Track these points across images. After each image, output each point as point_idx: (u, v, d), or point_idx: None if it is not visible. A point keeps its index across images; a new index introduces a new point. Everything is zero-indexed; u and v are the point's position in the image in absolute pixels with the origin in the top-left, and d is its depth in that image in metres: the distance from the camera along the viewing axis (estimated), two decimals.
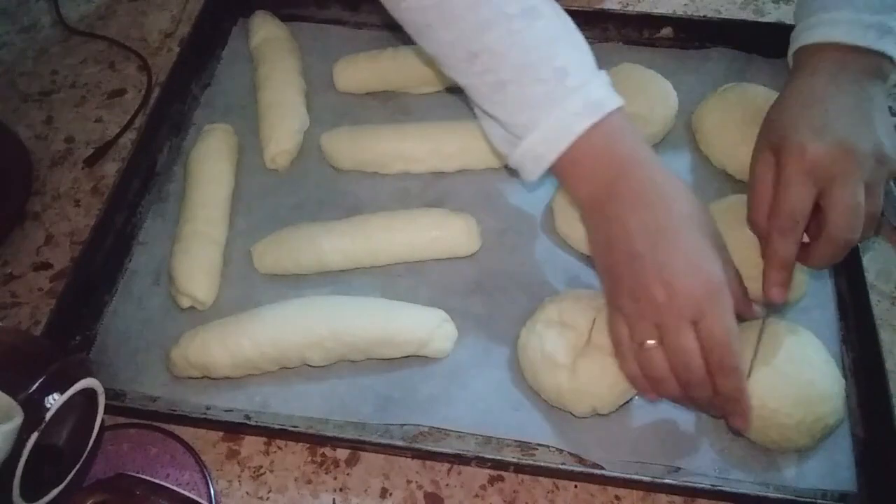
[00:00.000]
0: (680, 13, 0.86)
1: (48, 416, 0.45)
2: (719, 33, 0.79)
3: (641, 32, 0.80)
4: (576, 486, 0.57)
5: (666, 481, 0.54)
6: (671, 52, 0.79)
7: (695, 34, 0.80)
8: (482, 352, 0.62)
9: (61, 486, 0.50)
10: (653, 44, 0.80)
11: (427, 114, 0.76)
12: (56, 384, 0.47)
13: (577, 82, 0.52)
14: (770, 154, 0.56)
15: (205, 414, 0.59)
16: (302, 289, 0.65)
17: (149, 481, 0.54)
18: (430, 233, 0.66)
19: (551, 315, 0.59)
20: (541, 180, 0.57)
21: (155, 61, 0.85)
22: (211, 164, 0.71)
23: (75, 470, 0.51)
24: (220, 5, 0.84)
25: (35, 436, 0.45)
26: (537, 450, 0.57)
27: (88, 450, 0.52)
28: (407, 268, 0.67)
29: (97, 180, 0.76)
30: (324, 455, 0.59)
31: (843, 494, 0.55)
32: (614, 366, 0.55)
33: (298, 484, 0.57)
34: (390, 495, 0.57)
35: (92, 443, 0.52)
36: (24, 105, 0.82)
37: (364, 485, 0.57)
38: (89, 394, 0.51)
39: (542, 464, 0.56)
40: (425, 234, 0.66)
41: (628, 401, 0.58)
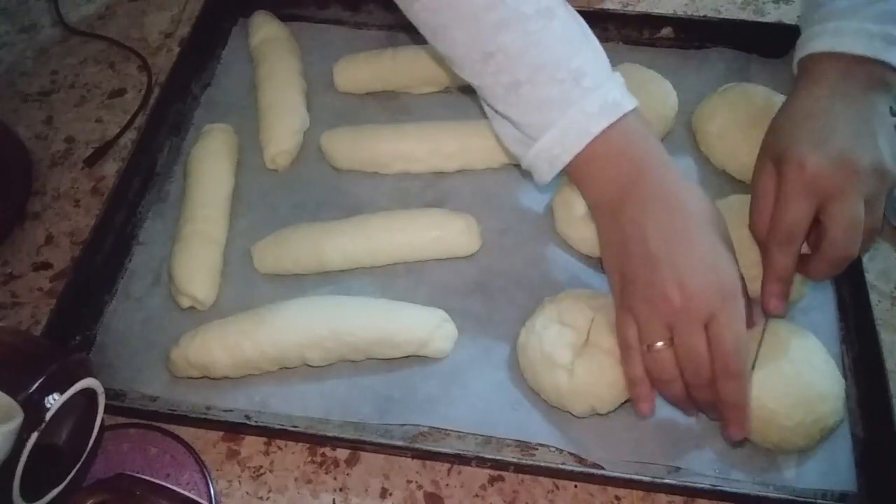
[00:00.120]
0: (680, 13, 0.86)
1: (48, 416, 0.46)
2: (719, 33, 0.79)
3: (641, 32, 0.80)
4: (576, 486, 0.57)
5: (666, 481, 0.54)
6: (671, 52, 0.79)
7: (695, 34, 0.80)
8: (482, 352, 0.62)
9: (61, 486, 0.50)
10: (653, 44, 0.80)
11: (427, 114, 0.76)
12: (56, 384, 0.47)
13: (594, 83, 0.52)
14: (772, 164, 0.55)
15: (205, 414, 0.59)
16: (302, 289, 0.65)
17: (149, 481, 0.54)
18: (430, 233, 0.66)
19: (551, 315, 0.59)
20: (552, 181, 0.57)
21: (155, 61, 0.85)
22: (211, 164, 0.71)
23: (75, 470, 0.51)
24: (220, 5, 0.84)
25: (35, 436, 0.45)
26: (537, 450, 0.57)
27: (88, 450, 0.52)
28: (407, 268, 0.67)
29: (97, 180, 0.76)
30: (324, 455, 0.59)
31: (843, 494, 0.55)
32: (614, 366, 0.56)
33: (298, 484, 0.57)
34: (390, 495, 0.57)
35: (92, 443, 0.52)
36: (24, 105, 0.82)
37: (364, 485, 0.57)
38: (89, 394, 0.51)
39: (542, 464, 0.56)
40: (425, 234, 0.66)
41: (628, 401, 0.58)
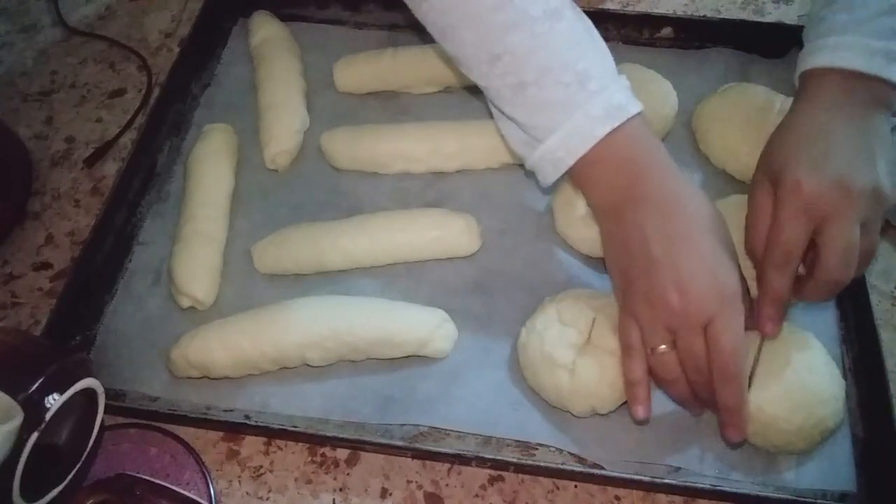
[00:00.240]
0: (680, 13, 0.85)
1: (48, 416, 0.45)
2: (719, 33, 0.79)
3: (641, 32, 0.80)
4: (576, 486, 0.57)
5: (666, 481, 0.54)
6: (671, 52, 0.79)
7: (695, 34, 0.79)
8: (482, 352, 0.62)
9: (61, 486, 0.50)
10: (653, 44, 0.80)
11: (427, 114, 0.76)
12: (56, 384, 0.47)
13: (599, 86, 0.52)
14: (769, 182, 0.55)
15: (205, 414, 0.59)
16: (302, 289, 0.65)
17: (149, 481, 0.54)
18: (430, 233, 0.66)
19: (551, 315, 0.59)
20: (556, 183, 0.57)
21: (155, 61, 0.85)
22: (211, 164, 0.71)
23: (75, 470, 0.51)
24: (220, 5, 0.84)
25: (35, 436, 0.45)
26: (537, 450, 0.57)
27: (88, 450, 0.52)
28: (407, 268, 0.67)
29: (97, 180, 0.76)
30: (324, 455, 0.59)
31: (843, 494, 0.55)
32: (614, 366, 0.56)
33: (298, 484, 0.57)
34: (390, 495, 0.57)
35: (92, 443, 0.52)
36: (24, 105, 0.82)
37: (364, 485, 0.57)
38: (89, 394, 0.51)
39: (542, 464, 0.56)
40: (425, 234, 0.66)
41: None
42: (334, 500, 0.57)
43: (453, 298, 0.64)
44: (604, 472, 0.55)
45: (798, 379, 0.54)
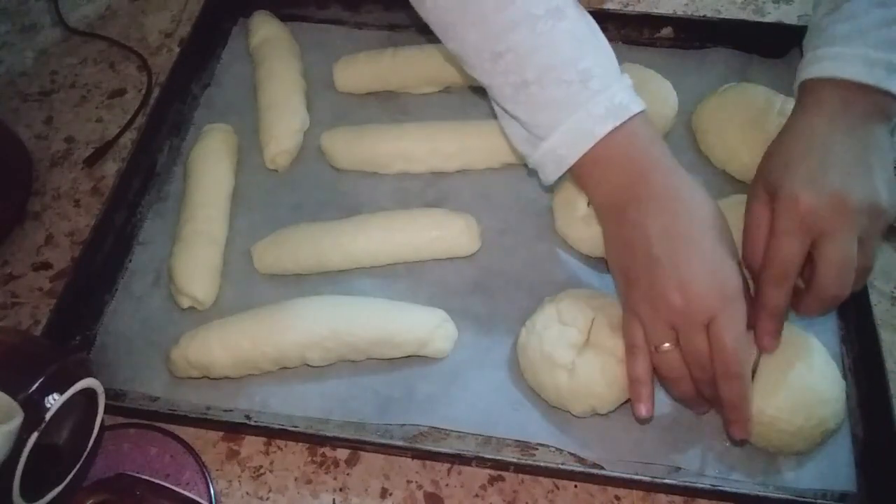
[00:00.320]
0: (680, 13, 0.85)
1: (48, 416, 0.45)
2: (719, 33, 0.79)
3: (641, 32, 0.80)
4: (576, 486, 0.57)
5: (666, 481, 0.54)
6: (671, 52, 0.79)
7: (695, 34, 0.79)
8: (482, 352, 0.62)
9: (61, 486, 0.50)
10: (653, 44, 0.80)
11: (427, 114, 0.76)
12: (56, 384, 0.47)
13: (601, 85, 0.52)
14: (766, 194, 0.55)
15: (205, 414, 0.59)
16: (302, 289, 0.65)
17: (149, 481, 0.54)
18: (430, 233, 0.66)
19: (551, 315, 0.59)
20: (557, 181, 0.57)
21: (155, 61, 0.85)
22: (211, 164, 0.71)
23: (75, 470, 0.51)
24: (220, 5, 0.84)
25: (35, 436, 0.45)
26: (537, 450, 0.57)
27: (88, 450, 0.52)
28: (407, 268, 0.67)
29: (97, 180, 0.76)
30: (324, 455, 0.59)
31: (843, 494, 0.55)
32: (614, 366, 0.56)
33: (298, 484, 0.57)
34: (390, 495, 0.57)
35: (92, 443, 0.52)
36: (24, 105, 0.82)
37: (364, 485, 0.57)
38: (89, 394, 0.51)
39: (542, 464, 0.56)
40: (425, 234, 0.66)
41: (628, 400, 0.58)
42: (334, 500, 0.57)
43: (453, 298, 0.64)
44: (604, 472, 0.55)
45: (799, 380, 0.54)
